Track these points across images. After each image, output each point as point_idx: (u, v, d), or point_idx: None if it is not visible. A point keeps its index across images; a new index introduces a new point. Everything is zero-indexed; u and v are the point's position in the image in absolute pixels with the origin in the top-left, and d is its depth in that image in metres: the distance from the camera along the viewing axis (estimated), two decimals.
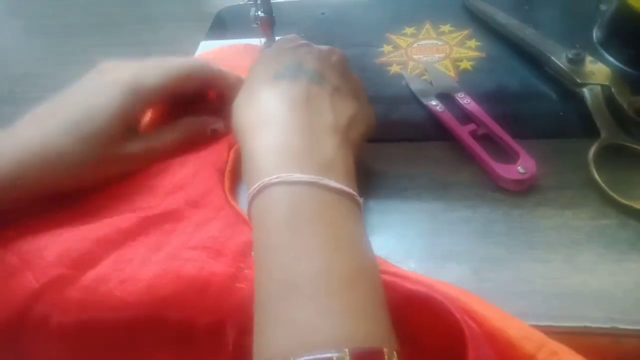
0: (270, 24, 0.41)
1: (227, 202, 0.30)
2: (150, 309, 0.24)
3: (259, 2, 0.39)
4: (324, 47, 0.31)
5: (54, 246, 0.26)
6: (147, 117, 0.34)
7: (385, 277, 0.22)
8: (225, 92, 0.34)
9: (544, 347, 0.20)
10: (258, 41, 0.44)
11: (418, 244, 0.28)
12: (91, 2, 0.59)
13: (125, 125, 0.30)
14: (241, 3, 0.51)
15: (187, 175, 0.31)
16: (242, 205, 0.31)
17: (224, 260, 0.26)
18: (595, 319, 0.23)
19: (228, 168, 0.32)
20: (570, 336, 0.23)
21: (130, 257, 0.26)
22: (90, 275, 0.25)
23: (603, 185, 0.27)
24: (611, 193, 0.27)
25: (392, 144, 0.34)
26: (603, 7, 0.39)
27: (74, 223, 0.28)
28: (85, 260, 0.26)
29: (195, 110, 0.35)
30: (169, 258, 0.26)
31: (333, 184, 0.22)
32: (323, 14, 0.47)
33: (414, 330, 0.22)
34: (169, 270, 0.25)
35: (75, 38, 0.54)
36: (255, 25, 0.41)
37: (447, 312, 0.21)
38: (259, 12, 0.40)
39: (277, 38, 0.43)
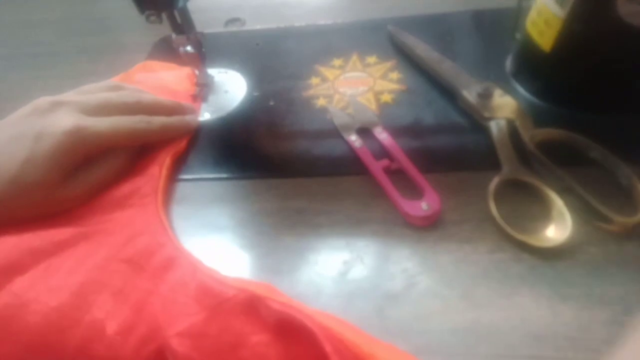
0: (200, 59, 0.42)
1: (157, 217, 0.31)
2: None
3: (188, 40, 0.40)
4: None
5: None
6: None
7: (273, 303, 0.25)
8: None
9: None
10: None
11: (328, 282, 0.29)
12: (28, 32, 0.59)
13: (64, 172, 0.30)
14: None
15: (125, 193, 0.32)
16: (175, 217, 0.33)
17: (144, 275, 0.28)
18: (484, 354, 0.24)
19: (161, 183, 0.34)
20: None
21: (59, 266, 0.28)
22: (19, 283, 0.26)
23: (499, 220, 0.29)
24: (506, 228, 0.28)
25: (313, 179, 0.35)
26: (518, 35, 0.40)
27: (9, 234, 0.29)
28: (15, 268, 0.27)
29: None
30: (96, 269, 0.28)
31: None
32: (257, 44, 0.48)
33: (288, 353, 0.24)
34: (95, 280, 0.27)
35: (11, 70, 0.53)
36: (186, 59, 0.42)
37: (316, 340, 0.23)
38: (188, 48, 0.41)
39: (209, 70, 0.44)
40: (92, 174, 0.32)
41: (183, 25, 0.38)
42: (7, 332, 0.25)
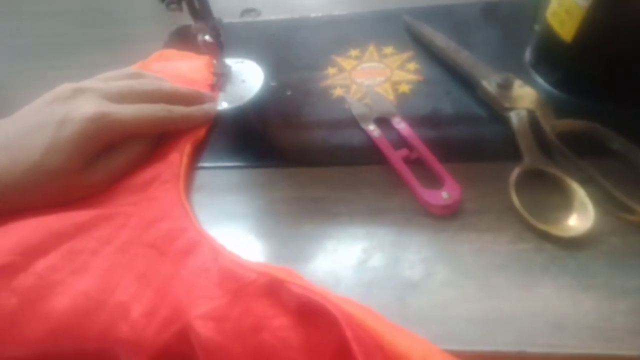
0: (218, 49, 0.42)
1: (179, 202, 0.32)
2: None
3: (207, 27, 0.40)
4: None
5: (6, 236, 0.28)
6: None
7: (294, 287, 0.25)
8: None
9: (429, 357, 0.22)
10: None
11: (348, 270, 0.29)
12: (45, 23, 0.59)
13: (86, 159, 0.30)
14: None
15: (146, 179, 0.33)
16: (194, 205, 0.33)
17: (167, 259, 0.28)
18: (505, 343, 0.25)
19: (182, 170, 0.34)
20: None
21: (81, 249, 0.28)
22: (41, 264, 0.27)
23: (521, 209, 0.29)
24: (528, 217, 0.28)
25: (332, 168, 0.35)
26: (537, 27, 0.40)
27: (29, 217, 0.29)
28: (37, 249, 0.27)
29: None
30: (119, 252, 0.28)
31: None
32: (273, 35, 0.48)
33: (309, 337, 0.24)
34: (119, 264, 0.27)
35: (29, 60, 0.54)
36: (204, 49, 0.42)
37: (338, 325, 0.23)
38: (207, 37, 0.41)
39: (226, 60, 0.44)
40: (113, 161, 0.32)
41: (202, 12, 0.38)
42: (33, 314, 0.25)
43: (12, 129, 0.30)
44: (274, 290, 0.26)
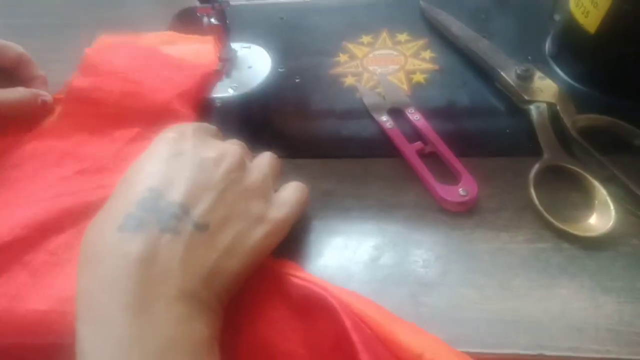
0: (224, 32, 0.40)
1: None
2: None
3: (213, 9, 0.38)
4: (225, 150, 0.25)
5: (22, 211, 0.28)
6: None
7: (294, 278, 0.25)
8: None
9: (430, 349, 0.22)
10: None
11: (359, 267, 0.28)
12: (43, 2, 0.57)
13: None
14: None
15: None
16: None
17: None
18: (524, 346, 0.24)
19: None
20: None
21: None
22: (55, 242, 0.27)
23: (540, 207, 0.28)
24: (547, 216, 0.27)
25: (341, 160, 0.34)
26: (557, 17, 0.38)
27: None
28: (51, 227, 0.27)
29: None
30: None
31: None
32: (282, 18, 0.46)
33: (308, 328, 0.24)
34: None
35: (28, 40, 0.52)
36: (210, 32, 0.40)
37: (337, 316, 0.23)
38: (212, 20, 0.39)
39: (232, 45, 0.42)
40: None
41: None
42: (39, 289, 0.25)
43: None
44: (273, 282, 0.25)
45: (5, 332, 0.24)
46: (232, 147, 0.26)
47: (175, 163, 0.24)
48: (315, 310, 0.24)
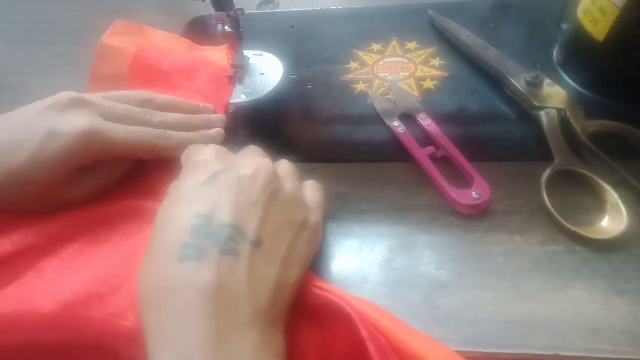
0: (237, 40, 0.41)
1: None
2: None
3: (228, 17, 0.39)
4: (258, 165, 0.25)
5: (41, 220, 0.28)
6: None
7: (310, 287, 0.25)
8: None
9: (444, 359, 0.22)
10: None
11: (374, 269, 0.28)
12: (57, 8, 0.58)
13: (69, 174, 0.28)
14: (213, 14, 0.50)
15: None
16: None
17: None
18: (539, 347, 0.24)
19: None
20: None
21: (107, 238, 0.28)
22: (69, 250, 0.27)
23: (553, 211, 0.28)
24: (560, 219, 0.28)
25: (355, 165, 0.34)
26: (564, 26, 0.39)
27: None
28: (65, 234, 0.28)
29: None
30: (141, 241, 0.28)
31: None
32: (293, 27, 0.47)
33: (324, 337, 0.24)
34: (139, 252, 0.26)
35: (40, 45, 0.53)
36: (223, 39, 0.41)
37: (353, 325, 0.22)
38: (227, 28, 0.40)
39: (245, 52, 0.43)
40: (98, 178, 0.30)
41: (223, 1, 0.37)
42: (47, 293, 0.25)
43: (3, 128, 0.28)
44: None
45: (15, 333, 0.24)
46: (264, 161, 0.26)
47: (213, 186, 0.24)
48: (332, 319, 0.24)
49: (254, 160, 0.26)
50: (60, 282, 0.26)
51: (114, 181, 0.32)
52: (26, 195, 0.28)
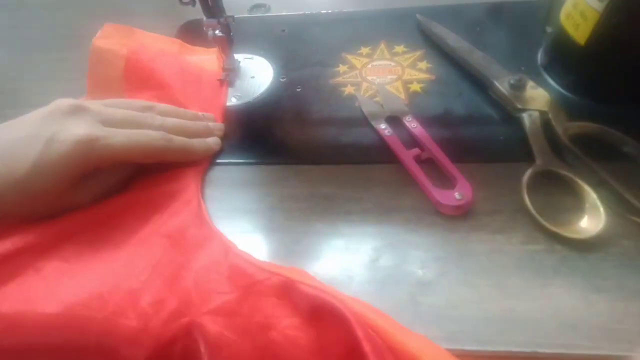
0: (228, 44, 0.42)
1: (196, 197, 0.32)
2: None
3: (219, 24, 0.40)
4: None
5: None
6: None
7: (306, 287, 0.25)
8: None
9: (439, 358, 0.23)
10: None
11: (360, 268, 0.29)
12: (55, 15, 0.58)
13: (71, 181, 0.29)
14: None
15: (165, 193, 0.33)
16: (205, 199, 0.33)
17: (179, 250, 0.29)
18: (518, 343, 0.25)
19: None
20: (496, 359, 0.25)
21: (107, 238, 0.29)
22: (69, 250, 0.28)
23: (533, 211, 0.29)
24: (540, 219, 0.28)
25: (342, 166, 0.35)
26: (549, 29, 0.40)
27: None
28: (66, 235, 0.28)
29: None
30: (140, 242, 0.29)
31: None
32: (283, 30, 0.47)
33: (320, 337, 0.24)
34: (138, 253, 0.28)
35: (39, 51, 0.53)
36: (214, 44, 0.42)
37: (349, 325, 0.23)
38: (217, 32, 0.40)
39: (235, 56, 0.44)
40: (99, 183, 0.31)
41: (214, 8, 0.38)
42: (48, 294, 0.26)
43: (5, 138, 0.28)
44: (285, 289, 0.26)
45: (17, 334, 0.25)
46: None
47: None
48: (327, 319, 0.24)
49: None
50: (61, 282, 0.26)
51: (117, 185, 0.32)
52: (32, 203, 0.28)
